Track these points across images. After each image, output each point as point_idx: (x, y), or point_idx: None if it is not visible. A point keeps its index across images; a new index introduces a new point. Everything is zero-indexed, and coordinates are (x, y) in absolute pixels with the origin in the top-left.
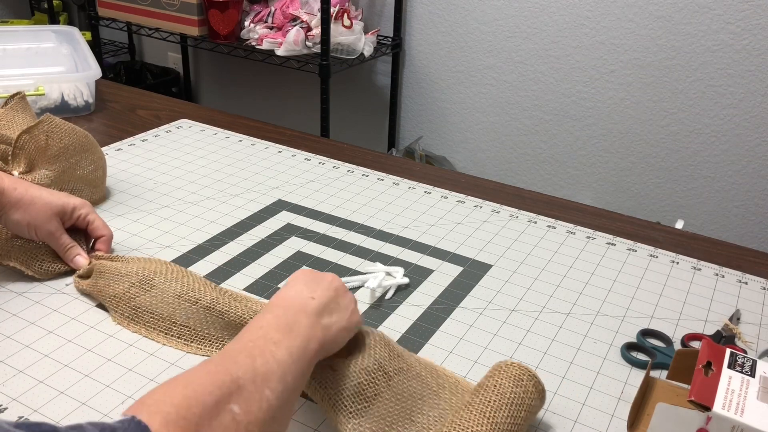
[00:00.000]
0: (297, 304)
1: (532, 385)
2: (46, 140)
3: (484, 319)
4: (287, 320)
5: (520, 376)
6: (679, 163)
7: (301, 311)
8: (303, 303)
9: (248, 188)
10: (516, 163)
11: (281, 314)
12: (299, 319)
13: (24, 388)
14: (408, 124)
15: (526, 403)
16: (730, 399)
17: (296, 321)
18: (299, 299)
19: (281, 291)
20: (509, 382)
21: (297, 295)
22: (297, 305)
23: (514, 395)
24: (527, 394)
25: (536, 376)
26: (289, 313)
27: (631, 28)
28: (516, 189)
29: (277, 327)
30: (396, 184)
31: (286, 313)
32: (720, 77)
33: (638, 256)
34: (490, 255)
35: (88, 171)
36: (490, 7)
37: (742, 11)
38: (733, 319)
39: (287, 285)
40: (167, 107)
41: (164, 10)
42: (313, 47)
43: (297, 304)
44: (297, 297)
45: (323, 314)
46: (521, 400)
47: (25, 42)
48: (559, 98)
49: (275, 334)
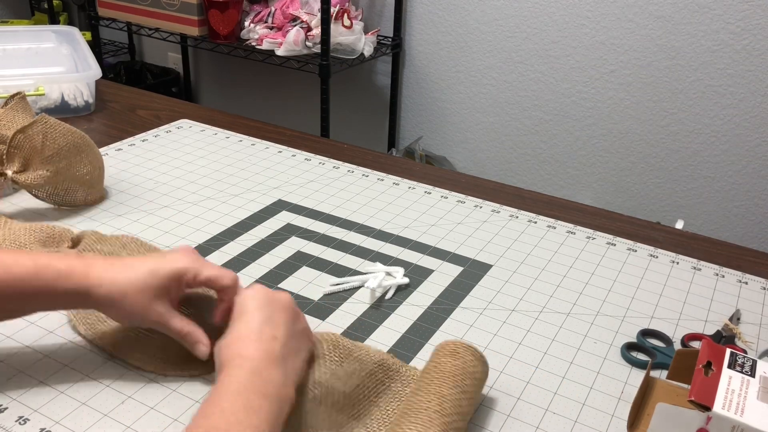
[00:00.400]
0: (264, 352)
1: (469, 354)
2: (42, 140)
3: (484, 319)
4: (261, 378)
5: (456, 349)
6: (679, 163)
7: (270, 362)
8: (269, 349)
9: (248, 188)
10: (516, 163)
11: (254, 370)
12: (271, 374)
13: (24, 388)
14: (408, 124)
15: (469, 371)
16: (730, 399)
17: (269, 378)
18: (264, 344)
19: (241, 328)
20: (447, 358)
21: (260, 337)
22: (264, 353)
23: (454, 367)
24: (466, 363)
25: (472, 346)
26: (260, 366)
27: (631, 28)
28: (516, 189)
29: (254, 389)
30: (396, 184)
31: (257, 367)
32: (720, 77)
33: (638, 256)
34: (490, 255)
35: (84, 171)
36: (490, 7)
37: (742, 11)
38: (733, 319)
39: (244, 315)
40: (167, 107)
41: (164, 10)
42: (313, 47)
43: (264, 351)
44: (261, 340)
45: (288, 357)
46: (462, 370)
47: (25, 42)
48: (559, 98)
49: (255, 400)
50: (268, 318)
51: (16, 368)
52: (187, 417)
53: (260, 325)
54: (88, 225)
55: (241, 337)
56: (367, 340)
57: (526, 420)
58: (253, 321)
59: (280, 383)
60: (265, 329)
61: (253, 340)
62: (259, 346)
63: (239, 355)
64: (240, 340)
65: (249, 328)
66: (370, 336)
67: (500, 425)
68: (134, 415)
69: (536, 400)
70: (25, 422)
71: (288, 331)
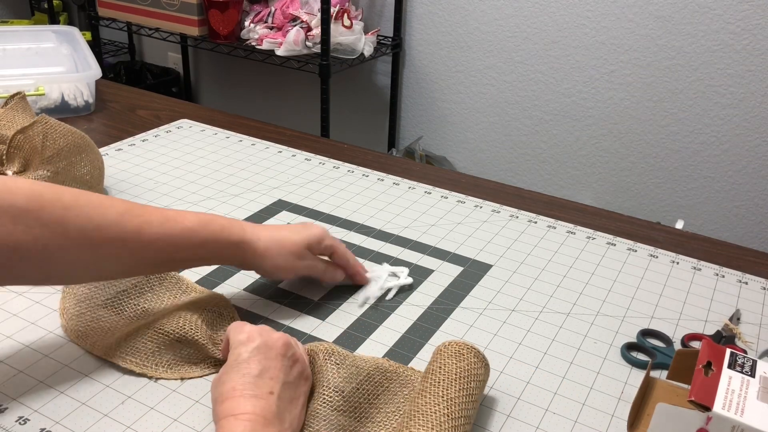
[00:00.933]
0: (261, 410)
1: (473, 356)
2: (41, 141)
3: (484, 319)
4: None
5: (460, 351)
6: (679, 163)
7: (266, 423)
8: (265, 407)
9: (248, 188)
10: (516, 163)
11: (250, 430)
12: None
13: (24, 388)
14: (408, 124)
15: (473, 374)
16: (730, 399)
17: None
18: (261, 402)
19: (236, 380)
20: (452, 360)
21: (255, 393)
22: (261, 411)
23: (460, 369)
24: (471, 365)
25: (475, 348)
26: (257, 428)
27: (631, 28)
28: (516, 189)
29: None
30: (396, 184)
31: (254, 428)
32: (720, 77)
33: (638, 256)
34: (490, 255)
35: (84, 172)
36: (490, 7)
37: (742, 11)
38: (733, 319)
39: (239, 363)
40: (167, 107)
41: (164, 10)
42: (313, 47)
43: (260, 409)
44: (257, 397)
45: (285, 411)
46: (467, 372)
47: (25, 42)
48: (559, 98)
49: None
50: (265, 369)
51: (16, 368)
52: (187, 417)
53: (255, 379)
54: None
55: (236, 390)
56: (367, 340)
57: (526, 420)
58: (249, 372)
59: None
60: (260, 384)
61: (248, 396)
62: (256, 404)
63: (234, 416)
64: (234, 393)
65: (244, 382)
66: (370, 336)
67: (500, 425)
68: (134, 415)
69: (536, 400)
70: (25, 422)
71: (284, 382)
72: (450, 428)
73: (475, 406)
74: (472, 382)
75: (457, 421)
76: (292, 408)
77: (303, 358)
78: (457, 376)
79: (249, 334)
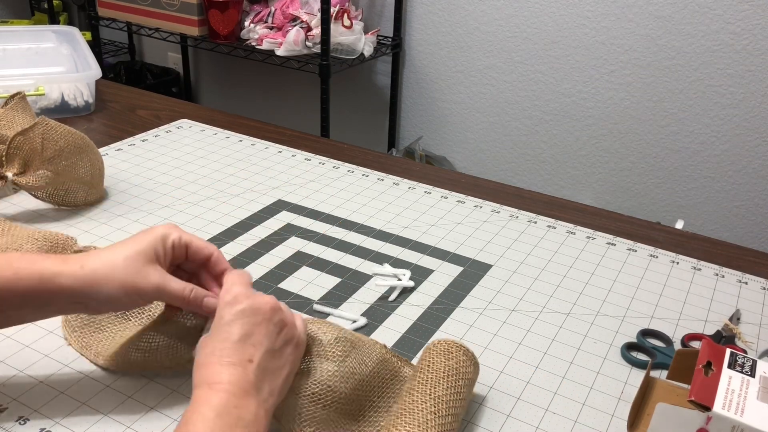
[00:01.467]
0: (237, 378)
1: (462, 354)
2: (41, 142)
3: (484, 319)
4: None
5: (449, 349)
6: (679, 163)
7: (243, 392)
8: (243, 375)
9: (248, 188)
10: (516, 163)
11: (223, 408)
12: (241, 410)
13: (24, 388)
14: (408, 124)
15: (462, 372)
16: (730, 399)
17: (239, 415)
18: (239, 369)
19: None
20: (440, 358)
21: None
22: (237, 380)
23: (448, 368)
24: (459, 363)
25: (464, 346)
26: (231, 401)
27: (631, 28)
28: (516, 189)
29: (222, 428)
30: (396, 184)
31: (227, 403)
32: (720, 77)
33: (638, 256)
34: (490, 255)
35: (84, 172)
36: (490, 7)
37: (742, 11)
38: (733, 319)
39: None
40: (167, 107)
41: (164, 10)
42: (313, 47)
43: (237, 377)
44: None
45: (265, 381)
46: (456, 371)
47: (25, 42)
48: (559, 98)
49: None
50: (247, 335)
51: (16, 368)
52: None
53: (236, 344)
54: (88, 225)
55: (213, 355)
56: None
57: (526, 420)
58: (230, 337)
59: (249, 419)
60: (240, 349)
61: (226, 363)
62: (233, 372)
63: (208, 383)
64: (211, 358)
65: (222, 347)
66: (370, 336)
67: (500, 425)
68: (134, 415)
69: (536, 400)
70: (25, 422)
71: (268, 350)
72: (437, 426)
73: (463, 405)
74: (460, 380)
75: (445, 419)
76: (274, 377)
77: (292, 322)
78: (445, 375)
79: (236, 295)
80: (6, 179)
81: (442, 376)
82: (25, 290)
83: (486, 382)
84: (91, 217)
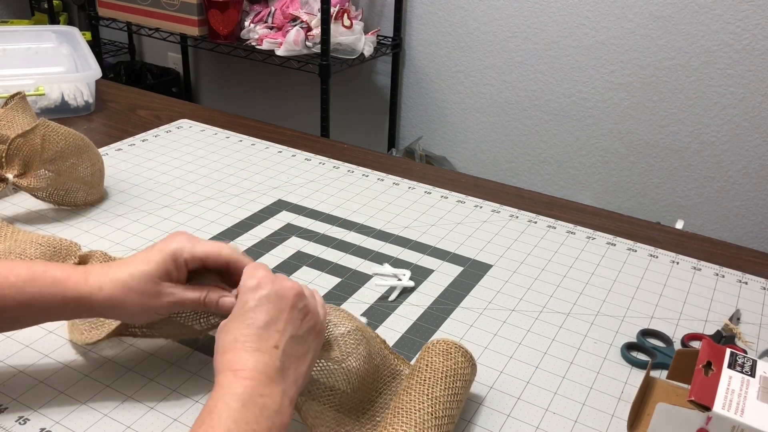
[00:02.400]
0: (262, 366)
1: (460, 355)
2: (41, 144)
3: (484, 319)
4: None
5: (448, 349)
6: (679, 163)
7: (268, 379)
8: (268, 362)
9: (248, 188)
10: (516, 163)
11: (247, 397)
12: (266, 398)
13: (24, 388)
14: (408, 124)
15: (460, 373)
16: (730, 399)
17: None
18: (264, 356)
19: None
20: (439, 358)
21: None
22: (262, 367)
23: (446, 368)
24: (458, 364)
25: (462, 347)
26: (256, 389)
27: (631, 28)
28: (516, 189)
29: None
30: (396, 184)
31: (252, 391)
32: (720, 77)
33: (638, 256)
34: (490, 255)
35: (84, 172)
36: (490, 7)
37: (742, 11)
38: (733, 319)
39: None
40: (167, 107)
41: (164, 10)
42: (313, 47)
43: (262, 365)
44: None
45: (290, 368)
46: (454, 371)
47: (25, 42)
48: (559, 98)
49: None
50: (272, 320)
51: (16, 368)
52: (187, 417)
53: (260, 331)
54: (89, 225)
55: (238, 342)
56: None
57: (526, 420)
58: (254, 323)
59: (274, 408)
60: (265, 336)
61: (250, 349)
62: (258, 359)
63: (233, 369)
64: (236, 345)
65: (247, 333)
66: None
67: (500, 425)
68: (134, 415)
69: (536, 400)
70: (25, 422)
71: (293, 336)
72: (433, 426)
73: (460, 405)
74: (458, 381)
75: (441, 420)
76: (299, 364)
77: (316, 310)
78: (443, 375)
79: (260, 280)
80: (7, 181)
81: (440, 377)
82: (44, 307)
83: (486, 382)
84: (91, 217)
